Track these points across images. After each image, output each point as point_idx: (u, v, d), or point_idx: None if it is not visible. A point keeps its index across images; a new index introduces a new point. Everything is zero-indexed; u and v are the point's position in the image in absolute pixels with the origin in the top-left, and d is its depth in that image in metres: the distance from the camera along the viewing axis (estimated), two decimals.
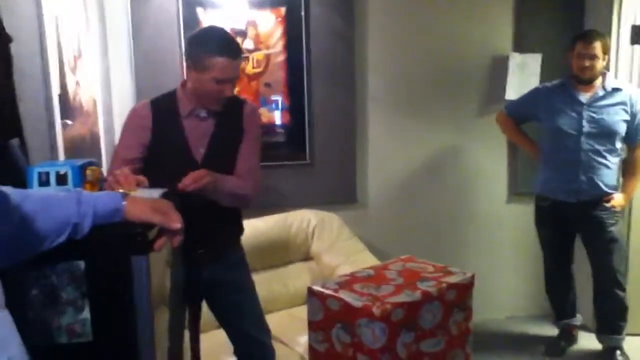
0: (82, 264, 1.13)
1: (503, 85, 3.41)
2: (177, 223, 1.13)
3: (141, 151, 1.93)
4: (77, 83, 2.27)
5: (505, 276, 3.66)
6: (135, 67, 3.12)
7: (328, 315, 1.75)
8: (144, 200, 1.15)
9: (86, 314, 1.13)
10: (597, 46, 2.85)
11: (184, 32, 3.12)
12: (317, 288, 1.76)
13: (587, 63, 2.87)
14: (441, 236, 3.58)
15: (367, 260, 2.83)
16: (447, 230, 3.59)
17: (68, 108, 2.11)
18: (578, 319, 3.33)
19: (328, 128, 3.29)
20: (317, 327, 1.79)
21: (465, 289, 1.86)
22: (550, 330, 3.43)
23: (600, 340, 3.21)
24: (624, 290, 3.05)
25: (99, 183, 1.39)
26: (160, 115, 1.94)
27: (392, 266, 1.99)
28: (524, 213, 3.45)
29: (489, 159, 3.57)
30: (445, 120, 3.46)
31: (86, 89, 2.43)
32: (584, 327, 3.41)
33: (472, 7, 3.42)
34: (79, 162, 1.38)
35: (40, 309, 1.11)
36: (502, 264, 3.67)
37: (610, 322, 3.13)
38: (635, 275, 3.24)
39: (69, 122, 2.10)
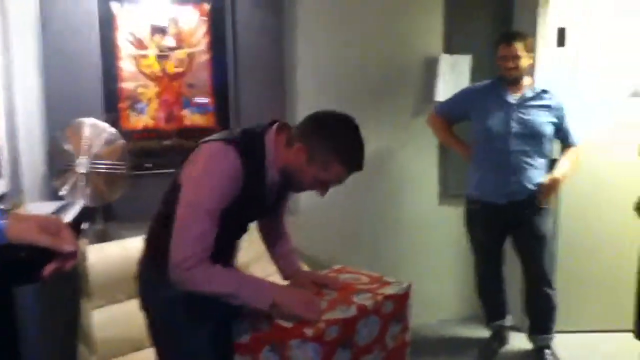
0: None
1: (434, 86, 3.38)
2: (69, 245, 0.95)
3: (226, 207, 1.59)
4: None
5: (437, 279, 3.64)
6: (44, 66, 2.85)
7: (256, 337, 1.60)
8: (29, 218, 0.95)
9: None
10: (519, 46, 2.87)
11: (100, 28, 2.89)
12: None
13: (510, 64, 2.89)
14: (374, 241, 3.50)
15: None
16: (379, 234, 3.52)
17: None
18: (509, 320, 3.35)
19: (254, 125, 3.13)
20: (245, 350, 1.63)
21: (402, 300, 1.77)
22: (483, 332, 3.42)
23: (531, 340, 3.24)
24: (553, 288, 3.09)
25: None
26: (249, 178, 1.60)
27: None
28: (456, 215, 3.42)
29: (420, 161, 3.54)
30: (377, 122, 3.38)
31: None
32: (514, 328, 3.43)
33: (402, 9, 3.36)
34: None
35: None
36: (434, 266, 3.64)
37: (540, 322, 3.16)
38: (562, 274, 3.28)
39: None
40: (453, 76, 3.35)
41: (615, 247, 3.34)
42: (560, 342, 3.22)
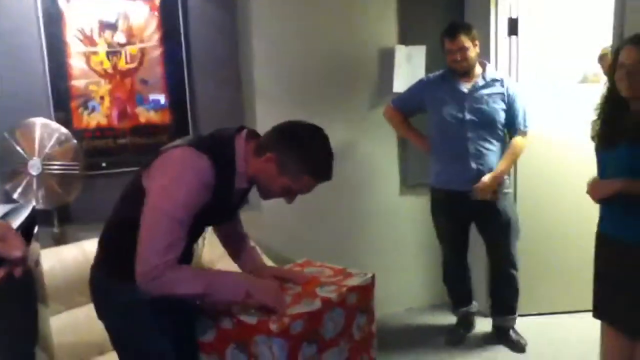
0: None
1: (391, 77, 3.39)
2: (17, 250, 0.91)
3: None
4: None
5: (403, 268, 3.67)
6: None
7: (221, 335, 1.58)
8: None
9: None
10: (463, 39, 2.90)
11: (44, 27, 2.79)
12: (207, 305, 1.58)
13: (458, 57, 2.93)
14: (338, 234, 3.50)
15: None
16: (343, 227, 3.53)
17: None
18: (475, 306, 3.41)
19: (214, 125, 3.05)
20: (210, 348, 1.61)
21: (366, 290, 1.78)
22: (450, 319, 3.47)
23: (495, 321, 3.33)
24: (517, 270, 3.19)
25: None
26: (220, 188, 1.57)
27: None
28: (418, 204, 3.47)
29: (380, 152, 3.55)
30: (336, 114, 3.38)
31: None
32: (480, 313, 3.50)
33: (357, 0, 3.36)
34: None
35: None
36: (399, 257, 3.66)
37: (505, 303, 3.25)
38: (522, 257, 3.36)
39: None
40: (409, 67, 3.37)
41: (573, 230, 3.43)
42: (522, 325, 3.30)
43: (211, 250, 2.85)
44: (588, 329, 2.61)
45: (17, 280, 1.01)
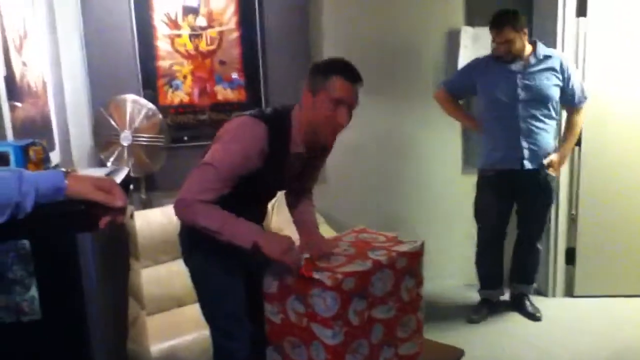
0: (26, 243, 1.13)
1: (456, 58, 3.47)
2: (119, 201, 1.14)
3: (244, 175, 1.79)
4: (24, 64, 2.23)
5: (461, 245, 3.75)
6: (85, 46, 3.06)
7: (283, 288, 1.79)
8: (86, 178, 1.15)
9: (33, 292, 1.15)
10: (508, 31, 2.93)
11: (135, 11, 3.08)
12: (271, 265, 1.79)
13: (502, 49, 2.98)
14: (397, 208, 3.66)
15: (325, 233, 2.86)
16: (404, 201, 3.67)
17: (15, 90, 2.07)
18: (502, 292, 3.48)
19: (286, 102, 3.29)
20: (273, 299, 1.83)
21: (415, 256, 1.92)
22: (498, 294, 3.51)
23: (513, 288, 3.45)
24: (542, 245, 3.36)
25: (43, 163, 1.38)
26: (274, 151, 1.80)
27: (345, 238, 2.04)
28: None
29: (444, 132, 3.64)
30: (401, 94, 3.51)
31: (34, 69, 2.38)
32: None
33: None
34: (21, 142, 1.37)
35: None
36: (458, 233, 3.76)
37: (527, 272, 3.39)
38: (581, 241, 3.39)
39: (17, 104, 2.06)
40: (475, 48, 3.43)
41: (632, 213, 3.41)
42: (579, 306, 3.35)
43: (279, 217, 3.08)
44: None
45: (118, 227, 1.25)
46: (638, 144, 3.37)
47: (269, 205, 3.12)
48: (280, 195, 2.63)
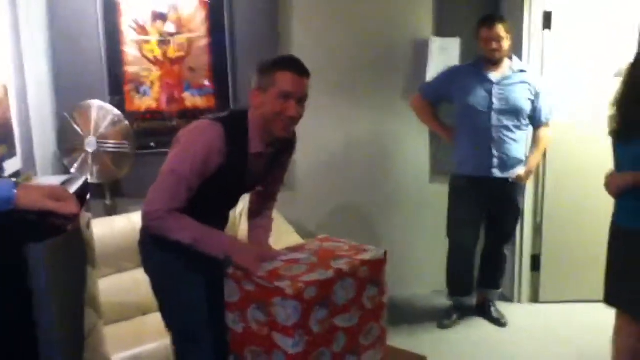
0: None
1: (424, 68, 3.51)
2: (72, 209, 1.13)
3: (203, 180, 1.82)
4: None
5: (429, 252, 3.78)
6: (51, 50, 3.02)
7: (244, 297, 1.78)
8: (37, 188, 1.13)
9: None
10: (500, 28, 3.02)
11: (103, 12, 3.04)
12: (232, 271, 1.79)
13: (494, 45, 3.04)
14: (367, 216, 3.67)
15: (293, 242, 2.87)
16: (372, 209, 3.69)
17: None
18: (472, 299, 3.52)
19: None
20: (234, 308, 1.82)
21: (378, 265, 1.93)
22: (469, 300, 3.55)
23: (479, 294, 3.50)
24: (508, 252, 3.44)
25: None
26: (232, 153, 1.82)
27: (308, 246, 2.04)
28: (446, 192, 3.57)
29: (412, 140, 3.68)
30: (370, 102, 3.53)
31: None
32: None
33: None
34: None
35: None
36: (427, 240, 3.79)
37: (493, 277, 3.44)
38: (546, 247, 3.43)
39: None
40: (443, 59, 3.48)
41: (598, 222, 3.46)
42: (544, 312, 3.40)
43: (247, 225, 3.05)
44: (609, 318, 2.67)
45: (74, 236, 1.23)
46: (601, 153, 3.40)
47: (237, 213, 3.13)
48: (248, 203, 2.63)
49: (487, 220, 3.37)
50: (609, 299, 2.36)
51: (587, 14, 3.35)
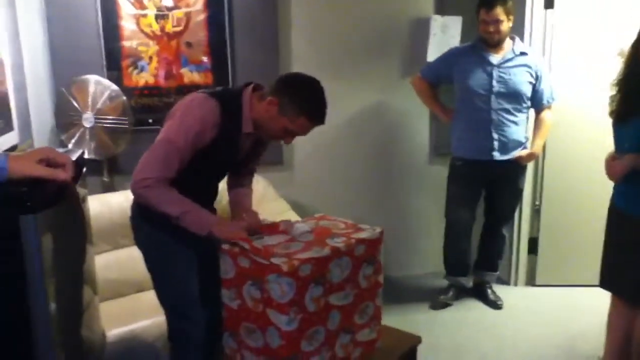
0: None
1: (425, 47, 3.47)
2: (63, 174, 1.12)
3: (195, 153, 1.84)
4: None
5: (428, 233, 3.79)
6: (48, 24, 2.98)
7: (239, 273, 1.78)
8: (27, 155, 1.12)
9: None
10: (499, 11, 2.96)
11: None
12: (228, 247, 1.78)
13: (491, 28, 3.00)
14: (365, 197, 3.66)
15: (291, 220, 2.86)
16: (370, 189, 3.68)
17: None
18: (468, 279, 3.53)
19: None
20: (230, 284, 1.82)
21: (374, 244, 1.92)
22: (466, 281, 3.56)
23: (476, 275, 3.50)
24: (508, 233, 3.42)
25: None
26: (225, 129, 1.85)
27: (305, 224, 2.03)
28: (445, 173, 3.56)
29: (412, 120, 3.66)
30: (370, 81, 3.50)
31: None
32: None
33: None
34: None
35: None
36: (425, 222, 3.80)
37: (491, 259, 3.44)
38: (544, 230, 3.42)
39: None
40: (444, 37, 3.44)
41: (599, 206, 3.46)
42: (540, 295, 3.41)
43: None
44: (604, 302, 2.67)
45: (67, 209, 1.21)
46: (602, 137, 3.38)
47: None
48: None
49: (487, 201, 3.36)
50: (604, 283, 2.37)
51: None
